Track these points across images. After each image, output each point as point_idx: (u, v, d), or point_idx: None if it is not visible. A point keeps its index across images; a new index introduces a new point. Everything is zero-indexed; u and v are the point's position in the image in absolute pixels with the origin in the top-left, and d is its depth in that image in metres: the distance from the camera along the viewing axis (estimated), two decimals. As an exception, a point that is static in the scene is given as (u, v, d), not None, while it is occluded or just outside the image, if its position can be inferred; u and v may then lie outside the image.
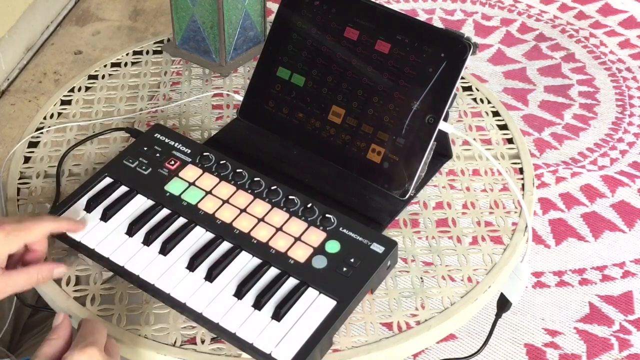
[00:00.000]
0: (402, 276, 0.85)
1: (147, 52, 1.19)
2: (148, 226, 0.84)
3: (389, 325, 0.79)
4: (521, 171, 0.98)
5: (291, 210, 0.85)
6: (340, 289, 0.77)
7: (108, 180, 0.90)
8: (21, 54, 2.40)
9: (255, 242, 0.82)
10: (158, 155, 0.91)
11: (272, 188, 0.86)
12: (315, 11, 0.93)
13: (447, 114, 0.87)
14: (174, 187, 0.88)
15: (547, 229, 1.84)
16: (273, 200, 0.86)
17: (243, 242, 0.82)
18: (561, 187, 1.95)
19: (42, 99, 2.26)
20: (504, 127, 1.05)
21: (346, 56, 0.91)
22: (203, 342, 0.78)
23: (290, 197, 0.85)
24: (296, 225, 0.83)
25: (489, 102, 1.09)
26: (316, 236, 0.82)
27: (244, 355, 0.76)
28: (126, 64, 1.16)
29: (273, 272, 0.80)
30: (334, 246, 0.81)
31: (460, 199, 0.94)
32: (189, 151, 0.91)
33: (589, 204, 1.90)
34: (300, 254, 0.80)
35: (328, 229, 0.82)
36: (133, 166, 0.90)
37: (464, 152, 1.00)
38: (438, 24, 2.49)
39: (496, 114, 1.07)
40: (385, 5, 1.01)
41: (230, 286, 0.79)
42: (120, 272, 0.82)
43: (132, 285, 0.82)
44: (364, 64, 0.90)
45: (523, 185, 0.96)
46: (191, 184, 0.88)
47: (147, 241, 0.83)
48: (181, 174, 0.89)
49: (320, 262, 0.80)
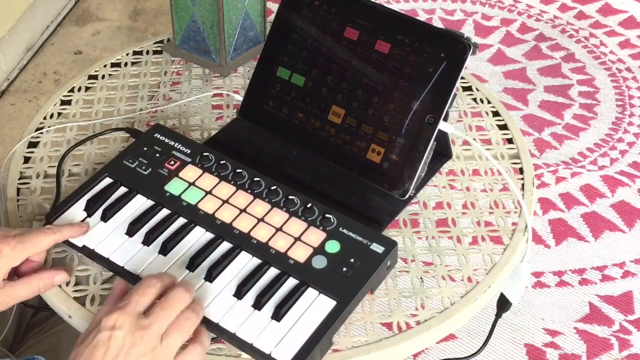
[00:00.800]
0: (402, 276, 0.85)
1: (147, 52, 1.19)
2: (148, 226, 0.84)
3: (389, 325, 0.79)
4: (521, 171, 0.98)
5: (291, 210, 0.85)
6: (340, 289, 0.77)
7: (108, 181, 0.90)
8: (21, 54, 2.40)
9: (255, 242, 0.82)
10: (158, 155, 0.91)
11: (272, 188, 0.86)
12: (315, 11, 0.93)
13: (447, 114, 0.87)
14: (174, 187, 0.88)
15: (547, 229, 1.84)
16: (273, 200, 0.86)
17: (243, 242, 0.82)
18: (561, 187, 1.95)
19: (42, 99, 2.26)
20: (504, 127, 1.05)
21: (346, 56, 0.91)
22: (203, 342, 0.78)
23: (290, 197, 0.85)
24: (296, 225, 0.83)
25: (489, 102, 1.09)
26: (316, 236, 0.82)
27: (244, 355, 0.76)
28: (126, 64, 1.16)
29: (273, 272, 0.80)
30: (333, 246, 0.81)
31: (460, 199, 0.94)
32: (189, 151, 0.91)
33: (589, 204, 1.91)
34: (300, 254, 0.80)
35: (328, 229, 0.82)
36: (133, 166, 0.90)
37: (464, 152, 1.00)
38: (438, 24, 2.49)
39: (496, 114, 1.07)
40: (385, 5, 1.01)
41: (230, 286, 0.79)
42: (120, 272, 0.82)
43: (132, 286, 0.82)
44: (364, 64, 0.90)
45: (523, 185, 0.96)
46: (191, 184, 0.88)
47: (147, 241, 0.83)
48: (181, 174, 0.89)
49: (320, 262, 0.80)
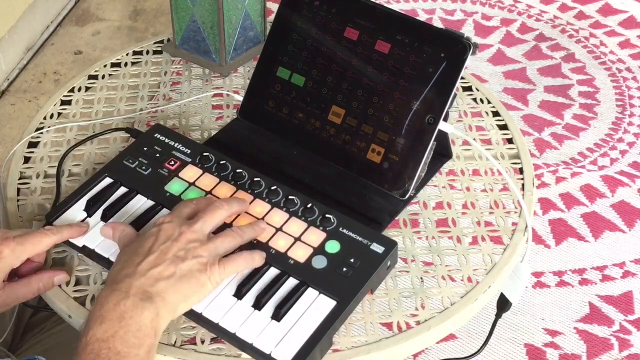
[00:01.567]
0: (402, 276, 0.85)
1: (147, 52, 1.19)
2: (148, 227, 0.84)
3: (389, 325, 0.79)
4: (521, 171, 0.98)
5: (291, 210, 0.85)
6: (340, 289, 0.77)
7: (108, 181, 0.90)
8: (21, 54, 2.40)
9: (255, 242, 0.82)
10: (158, 155, 0.91)
11: (272, 188, 0.86)
12: (315, 11, 0.93)
13: (447, 114, 0.87)
14: (174, 187, 0.88)
15: (547, 229, 1.84)
16: (273, 201, 0.86)
17: (243, 242, 0.82)
18: (561, 187, 1.95)
19: (42, 99, 2.26)
20: (504, 127, 1.05)
21: (346, 56, 0.91)
22: (203, 342, 0.78)
23: (290, 197, 0.85)
24: (296, 226, 0.83)
25: (489, 102, 1.09)
26: (316, 236, 0.82)
27: (244, 355, 0.76)
28: (126, 64, 1.16)
29: (273, 272, 0.80)
30: (333, 246, 0.81)
31: (460, 199, 0.94)
32: (189, 151, 0.91)
33: (589, 204, 1.91)
34: (300, 254, 0.80)
35: (328, 229, 0.82)
36: (133, 166, 0.90)
37: (464, 152, 1.00)
38: (438, 24, 2.49)
39: (496, 114, 1.07)
40: (385, 5, 1.01)
41: (230, 286, 0.79)
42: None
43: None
44: (364, 64, 0.90)
45: (523, 185, 0.96)
46: (191, 184, 0.88)
47: (147, 241, 0.83)
48: (181, 174, 0.89)
49: (320, 262, 0.80)
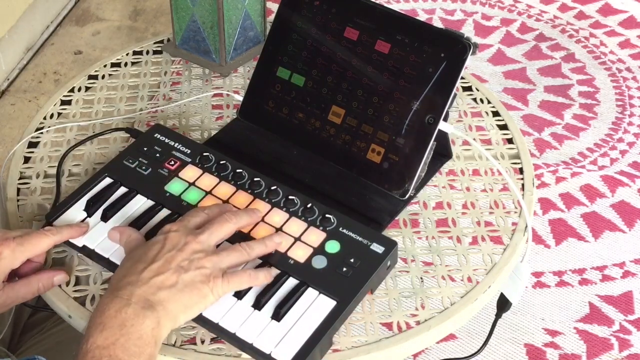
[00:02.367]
0: (402, 276, 0.85)
1: (147, 52, 1.19)
2: (148, 226, 0.84)
3: (389, 325, 0.79)
4: (521, 171, 0.98)
5: (291, 210, 0.85)
6: (340, 289, 0.77)
7: (108, 181, 0.90)
8: (21, 54, 2.40)
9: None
10: (158, 155, 0.91)
11: (272, 188, 0.86)
12: (315, 11, 0.92)
13: (447, 114, 0.87)
14: (174, 187, 0.88)
15: (547, 229, 1.84)
16: (273, 201, 0.86)
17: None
18: (561, 187, 1.95)
19: (42, 99, 2.26)
20: (504, 127, 1.05)
21: (346, 56, 0.91)
22: (203, 342, 0.78)
23: (290, 197, 0.85)
24: (296, 226, 0.83)
25: (489, 102, 1.09)
26: (316, 236, 0.82)
27: (244, 355, 0.76)
28: (126, 64, 1.16)
29: (273, 272, 0.80)
30: (333, 246, 0.81)
31: (460, 199, 0.94)
32: (189, 151, 0.91)
33: (589, 204, 1.91)
34: (300, 254, 0.80)
35: (328, 229, 0.82)
36: (133, 166, 0.90)
37: (464, 152, 1.00)
38: (438, 24, 2.49)
39: (496, 114, 1.07)
40: (385, 5, 1.01)
41: (230, 286, 0.79)
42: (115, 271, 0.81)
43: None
44: (364, 64, 0.90)
45: (523, 185, 0.96)
46: (191, 184, 0.88)
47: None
48: (181, 174, 0.89)
49: (320, 262, 0.80)
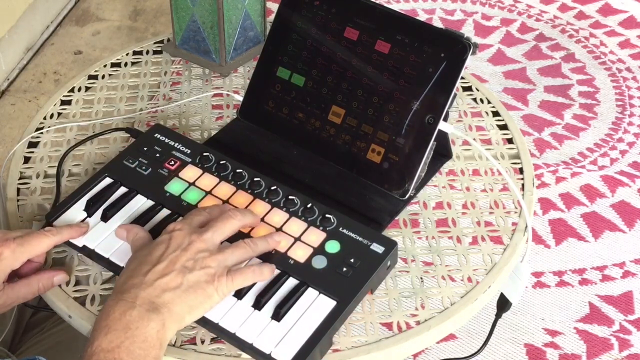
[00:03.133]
0: (402, 276, 0.85)
1: (147, 52, 1.19)
2: (148, 227, 0.84)
3: (389, 325, 0.79)
4: (521, 171, 0.98)
5: (291, 210, 0.85)
6: (340, 289, 0.77)
7: (108, 181, 0.90)
8: (21, 54, 2.40)
9: (255, 242, 0.82)
10: (158, 155, 0.91)
11: (272, 188, 0.86)
12: (315, 11, 0.93)
13: (447, 114, 0.87)
14: (174, 187, 0.88)
15: (547, 229, 1.84)
16: (273, 201, 0.86)
17: (243, 242, 0.82)
18: (561, 187, 1.95)
19: (42, 99, 2.26)
20: (504, 127, 1.05)
21: (346, 56, 0.91)
22: (203, 342, 0.78)
23: (290, 197, 0.85)
24: (296, 226, 0.83)
25: (489, 102, 1.09)
26: (316, 236, 0.82)
27: (244, 355, 0.76)
28: (126, 64, 1.16)
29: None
30: (334, 246, 0.81)
31: (460, 199, 0.94)
32: (189, 151, 0.91)
33: (589, 204, 1.91)
34: (300, 254, 0.80)
35: (328, 229, 0.82)
36: (133, 166, 0.90)
37: (464, 152, 1.00)
38: (438, 24, 2.49)
39: (496, 114, 1.07)
40: (385, 5, 1.01)
41: (230, 286, 0.79)
42: (120, 273, 0.81)
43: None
44: (364, 64, 0.90)
45: (523, 185, 0.96)
46: (191, 184, 0.88)
47: (147, 241, 0.83)
48: (181, 174, 0.89)
49: (320, 262, 0.80)
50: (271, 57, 0.96)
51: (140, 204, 0.87)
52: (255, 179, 0.87)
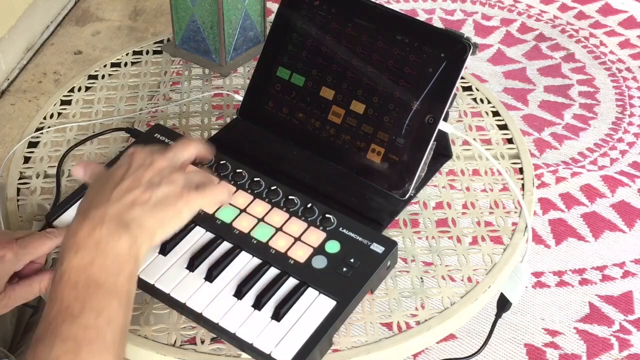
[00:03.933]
0: (402, 276, 0.85)
1: (147, 52, 1.19)
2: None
3: (389, 325, 0.79)
4: (521, 171, 0.98)
5: (291, 210, 0.85)
6: (340, 289, 0.77)
7: (108, 180, 0.89)
8: (21, 54, 2.40)
9: (255, 242, 0.82)
10: (158, 155, 0.91)
11: (272, 188, 0.86)
12: (315, 11, 0.92)
13: (447, 114, 0.87)
14: (173, 187, 0.88)
15: (547, 229, 1.84)
16: (273, 200, 0.86)
17: (243, 242, 0.82)
18: (561, 187, 1.95)
19: (42, 99, 2.26)
20: (504, 127, 1.05)
21: (346, 56, 0.91)
22: (203, 342, 0.78)
23: (290, 197, 0.85)
24: (296, 226, 0.83)
25: (489, 102, 1.09)
26: (316, 236, 0.82)
27: (244, 355, 0.76)
28: (126, 64, 1.16)
29: (273, 272, 0.80)
30: (333, 246, 0.81)
31: (460, 199, 0.94)
32: (188, 151, 0.91)
33: (589, 204, 1.90)
34: (300, 254, 0.80)
35: (328, 229, 0.82)
36: (133, 166, 0.90)
37: (464, 152, 1.00)
38: (438, 24, 2.49)
39: (496, 114, 1.07)
40: (385, 5, 1.01)
41: (230, 286, 0.79)
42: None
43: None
44: (364, 64, 0.90)
45: (523, 185, 0.96)
46: (191, 184, 0.88)
47: (147, 241, 0.83)
48: (181, 174, 0.89)
49: (320, 262, 0.79)
50: (271, 57, 0.96)
51: (140, 204, 0.87)
52: (255, 179, 0.87)
